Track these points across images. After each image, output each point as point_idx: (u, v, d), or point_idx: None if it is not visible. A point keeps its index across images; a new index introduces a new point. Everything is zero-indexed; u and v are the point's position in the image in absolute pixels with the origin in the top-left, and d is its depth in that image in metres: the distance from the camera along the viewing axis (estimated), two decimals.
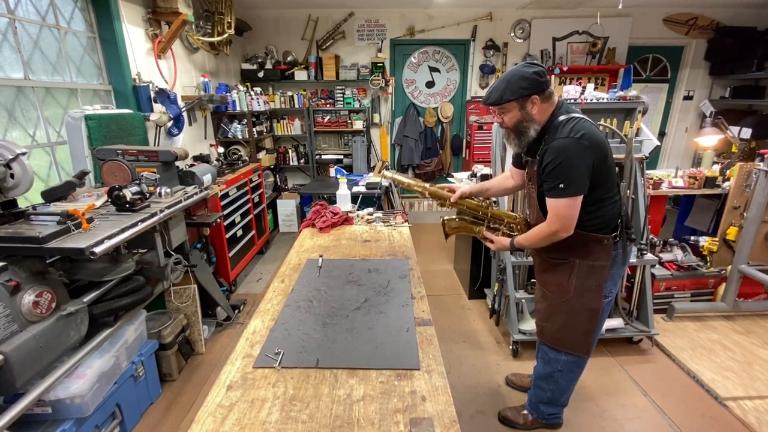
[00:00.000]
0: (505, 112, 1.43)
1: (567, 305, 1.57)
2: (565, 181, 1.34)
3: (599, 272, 1.51)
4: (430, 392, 0.99)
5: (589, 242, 1.48)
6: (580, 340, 1.61)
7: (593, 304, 1.54)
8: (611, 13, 4.67)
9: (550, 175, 1.37)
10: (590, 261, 1.50)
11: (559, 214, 1.39)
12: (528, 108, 1.39)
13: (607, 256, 1.49)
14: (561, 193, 1.35)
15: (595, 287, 1.52)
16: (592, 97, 2.34)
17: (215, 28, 3.73)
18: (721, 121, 3.23)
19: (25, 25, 2.16)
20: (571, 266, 1.52)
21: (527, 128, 1.42)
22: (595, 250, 1.49)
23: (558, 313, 1.61)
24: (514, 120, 1.43)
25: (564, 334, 1.63)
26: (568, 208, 1.37)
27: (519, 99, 1.38)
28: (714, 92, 5.25)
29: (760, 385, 2.15)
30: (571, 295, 1.54)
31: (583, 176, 1.34)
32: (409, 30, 4.93)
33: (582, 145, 1.32)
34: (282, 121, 5.01)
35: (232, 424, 0.90)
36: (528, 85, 1.36)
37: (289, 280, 1.61)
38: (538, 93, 1.37)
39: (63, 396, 1.57)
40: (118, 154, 2.16)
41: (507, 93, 1.38)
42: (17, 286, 1.39)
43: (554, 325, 1.64)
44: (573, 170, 1.33)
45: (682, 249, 2.86)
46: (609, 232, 1.48)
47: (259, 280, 3.59)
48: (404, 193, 5.63)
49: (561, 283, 1.56)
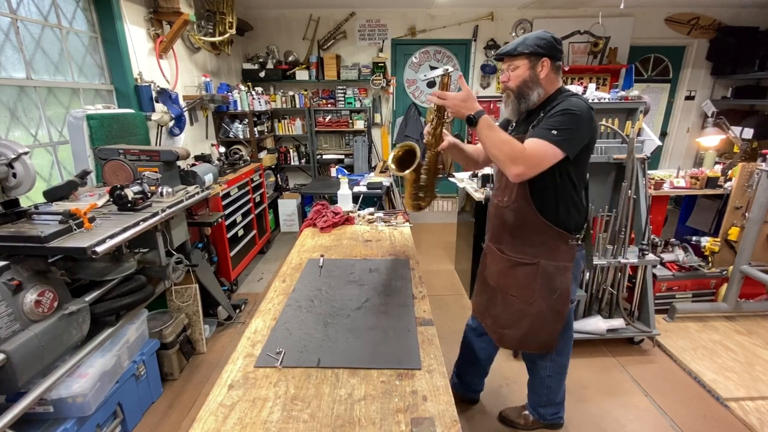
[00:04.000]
0: (515, 68, 1.37)
1: (533, 308, 1.51)
2: (562, 131, 1.25)
3: (564, 273, 1.47)
4: (432, 392, 0.99)
5: (557, 240, 1.44)
6: (545, 339, 1.57)
7: (559, 305, 1.49)
8: (613, 13, 4.66)
9: (552, 117, 1.28)
10: (555, 262, 1.46)
11: (533, 152, 1.25)
12: (537, 70, 1.34)
13: (570, 258, 1.46)
14: (550, 137, 1.25)
15: (562, 289, 1.48)
16: (594, 97, 2.34)
17: (217, 27, 3.74)
18: (722, 122, 3.22)
19: (27, 24, 2.17)
20: (536, 267, 1.47)
21: (531, 91, 1.37)
22: (561, 250, 1.45)
23: (525, 317, 1.54)
24: (521, 79, 1.37)
25: (529, 337, 1.57)
26: (547, 156, 1.25)
27: (531, 56, 1.33)
28: (716, 92, 5.24)
29: (762, 385, 2.15)
30: (537, 298, 1.49)
31: (579, 139, 1.28)
32: (411, 30, 4.93)
33: (591, 114, 1.28)
34: (283, 120, 5.01)
35: (234, 424, 0.90)
36: (544, 44, 1.32)
37: (291, 280, 1.61)
38: (550, 57, 1.33)
39: (65, 395, 1.57)
40: (120, 154, 2.17)
41: (521, 46, 1.34)
42: (19, 285, 1.40)
43: (519, 331, 1.57)
44: (574, 126, 1.25)
45: (684, 249, 2.85)
46: (574, 233, 1.44)
47: (260, 279, 3.59)
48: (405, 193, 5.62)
49: (526, 285, 1.50)
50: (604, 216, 2.35)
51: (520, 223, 1.47)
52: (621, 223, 2.33)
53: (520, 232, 1.49)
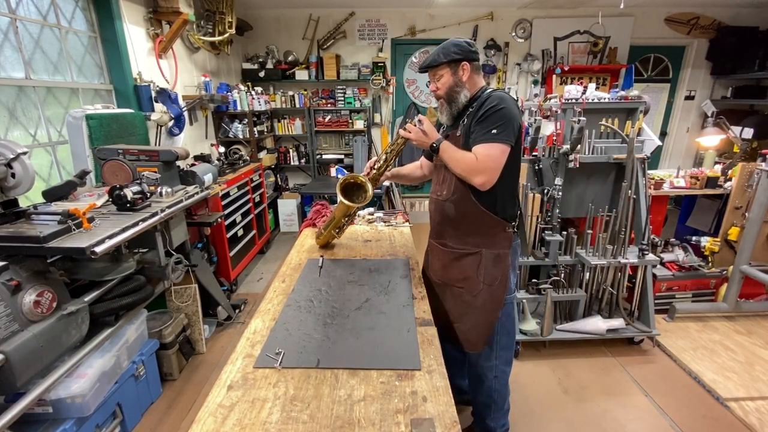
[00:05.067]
0: (440, 77, 1.49)
1: (479, 299, 1.53)
2: (500, 127, 1.34)
3: (503, 261, 1.52)
4: (431, 393, 0.99)
5: (495, 228, 1.49)
6: (482, 333, 1.58)
7: (499, 294, 1.53)
8: (612, 12, 4.65)
9: (485, 119, 1.37)
10: (495, 249, 1.50)
11: (486, 158, 1.35)
12: (460, 74, 1.46)
13: (509, 244, 1.52)
14: (494, 138, 1.35)
15: (501, 276, 1.52)
16: (594, 97, 2.33)
17: (216, 27, 3.73)
18: (722, 121, 3.22)
19: (26, 24, 2.16)
20: (479, 256, 1.51)
21: (458, 94, 1.48)
22: (500, 238, 1.50)
23: (471, 309, 1.56)
24: (447, 85, 1.48)
25: (474, 334, 1.58)
26: (500, 156, 1.36)
27: (451, 63, 1.45)
28: (716, 92, 5.24)
29: (762, 385, 2.15)
30: (481, 288, 1.52)
31: (514, 128, 1.37)
32: (410, 30, 4.93)
33: (514, 102, 1.39)
34: (283, 120, 5.01)
35: (233, 424, 0.90)
36: (459, 50, 1.44)
37: (290, 280, 1.61)
38: (468, 60, 1.45)
39: (64, 395, 1.57)
40: (119, 154, 2.16)
41: (440, 56, 1.46)
42: (18, 285, 1.39)
43: (466, 324, 1.58)
44: (509, 118, 1.35)
45: (684, 249, 2.85)
46: (510, 221, 1.50)
47: (259, 279, 3.59)
48: (405, 193, 5.63)
49: (470, 276, 1.53)
50: (604, 216, 2.35)
51: (461, 214, 1.51)
52: (621, 223, 2.33)
53: (461, 223, 1.53)
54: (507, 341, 1.65)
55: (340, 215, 1.74)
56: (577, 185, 2.48)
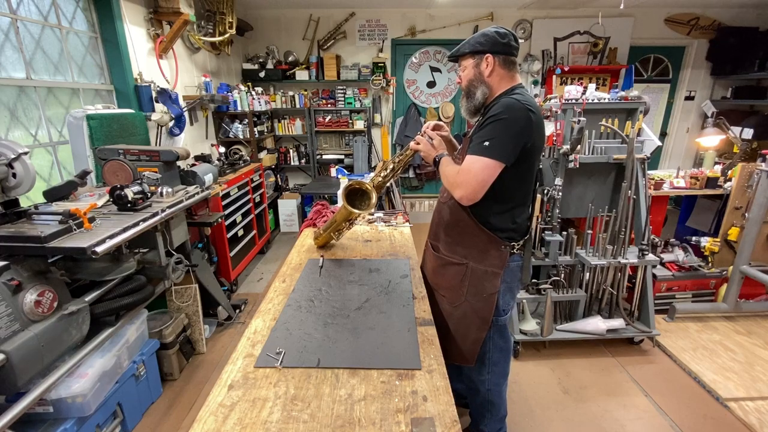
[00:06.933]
0: (464, 68, 1.37)
1: (459, 310, 1.49)
2: (492, 140, 1.20)
3: (492, 279, 1.42)
4: (432, 392, 0.99)
5: (487, 244, 1.40)
6: (468, 348, 1.52)
7: (485, 312, 1.46)
8: (612, 13, 4.66)
9: (483, 128, 1.24)
10: (484, 266, 1.42)
11: (467, 174, 1.23)
12: (482, 67, 1.32)
13: (501, 264, 1.41)
14: (482, 151, 1.21)
15: (487, 295, 1.44)
16: (594, 98, 2.33)
17: (216, 28, 3.74)
18: (722, 122, 3.22)
19: (27, 24, 2.17)
20: (464, 268, 1.45)
21: (475, 90, 1.34)
22: (491, 256, 1.41)
23: (450, 319, 1.51)
24: (467, 78, 1.36)
25: (451, 345, 1.52)
26: (482, 171, 1.22)
27: (474, 54, 1.32)
28: (715, 92, 5.24)
29: (762, 385, 2.15)
30: (464, 300, 1.46)
31: (514, 145, 1.22)
32: (410, 30, 4.93)
33: (528, 114, 1.22)
34: (283, 121, 5.01)
35: (234, 424, 0.90)
36: (485, 41, 1.29)
37: (290, 280, 1.61)
38: (493, 53, 1.29)
39: (64, 395, 1.57)
40: (120, 154, 2.17)
41: (465, 46, 1.34)
42: (19, 285, 1.40)
43: (443, 332, 1.49)
44: (507, 132, 1.20)
45: (684, 249, 2.85)
46: (510, 240, 1.40)
47: (260, 279, 3.59)
48: (405, 193, 5.63)
49: (454, 286, 1.48)
50: (604, 216, 2.36)
51: (454, 221, 1.46)
52: (621, 223, 2.33)
53: (453, 230, 1.48)
54: (500, 357, 1.60)
55: (341, 219, 1.73)
56: (577, 185, 2.49)
